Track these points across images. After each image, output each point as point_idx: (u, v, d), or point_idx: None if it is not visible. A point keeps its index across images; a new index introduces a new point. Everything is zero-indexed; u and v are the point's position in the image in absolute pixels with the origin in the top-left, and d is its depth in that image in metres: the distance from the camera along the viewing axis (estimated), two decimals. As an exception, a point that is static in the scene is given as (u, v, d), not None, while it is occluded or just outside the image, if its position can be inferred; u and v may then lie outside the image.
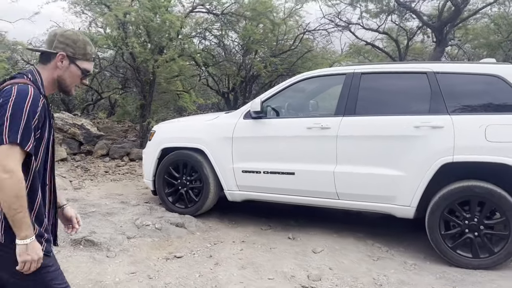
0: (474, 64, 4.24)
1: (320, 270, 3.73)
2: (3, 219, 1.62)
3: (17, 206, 1.54)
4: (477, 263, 3.82)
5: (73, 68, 1.80)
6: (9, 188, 1.53)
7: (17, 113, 1.55)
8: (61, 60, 1.77)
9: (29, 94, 1.59)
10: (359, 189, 4.25)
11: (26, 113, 1.57)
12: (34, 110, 1.60)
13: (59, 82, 1.81)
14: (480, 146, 3.76)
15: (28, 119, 1.57)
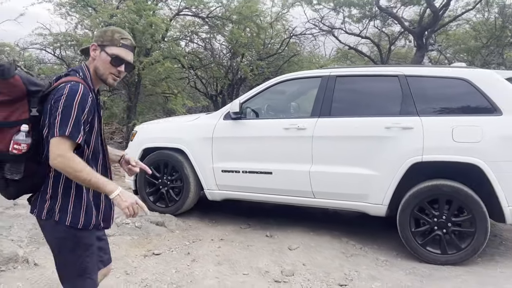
0: (443, 68, 4.40)
1: (294, 266, 3.85)
2: (49, 199, 1.86)
3: (84, 177, 1.75)
4: (445, 259, 3.97)
5: (103, 55, 1.91)
6: (67, 168, 1.74)
7: (67, 109, 1.74)
8: (94, 49, 1.92)
9: (79, 92, 1.77)
10: (334, 188, 4.38)
11: (75, 110, 1.75)
12: (83, 106, 1.78)
13: (96, 72, 1.94)
14: (447, 146, 3.91)
15: (78, 114, 1.76)
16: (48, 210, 1.87)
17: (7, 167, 1.81)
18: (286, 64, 13.94)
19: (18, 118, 1.80)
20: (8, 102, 1.79)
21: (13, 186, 1.86)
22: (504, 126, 3.82)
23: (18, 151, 1.77)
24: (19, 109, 1.81)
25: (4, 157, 1.79)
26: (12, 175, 1.81)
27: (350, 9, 11.49)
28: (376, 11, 11.14)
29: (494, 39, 10.98)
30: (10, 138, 1.77)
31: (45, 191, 1.87)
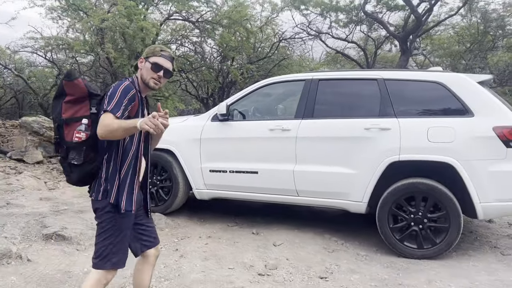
0: (419, 72, 4.63)
1: (278, 261, 4.03)
2: (103, 183, 2.29)
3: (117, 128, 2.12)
4: (421, 253, 4.17)
5: (147, 64, 2.37)
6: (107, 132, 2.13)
7: (113, 94, 2.21)
8: (141, 62, 2.42)
9: (123, 84, 2.28)
10: (316, 187, 4.57)
11: (118, 94, 2.21)
12: (126, 93, 2.23)
13: (141, 79, 2.39)
14: (422, 146, 4.13)
15: (120, 98, 2.21)
16: (103, 192, 2.29)
17: (71, 153, 2.25)
18: (276, 68, 14.18)
19: (81, 114, 2.27)
20: (74, 102, 2.28)
21: (75, 171, 2.28)
22: (475, 127, 4.04)
23: (79, 139, 2.22)
24: (83, 108, 2.29)
25: (69, 145, 2.25)
26: (75, 160, 2.24)
27: (337, 14, 11.74)
28: (362, 16, 11.40)
29: (477, 44, 11.29)
30: (74, 130, 2.24)
31: (100, 176, 2.30)
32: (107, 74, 10.90)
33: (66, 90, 2.28)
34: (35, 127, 8.90)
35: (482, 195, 4.01)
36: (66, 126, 2.28)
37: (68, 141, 2.26)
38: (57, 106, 2.31)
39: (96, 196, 2.31)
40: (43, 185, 6.52)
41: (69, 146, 2.26)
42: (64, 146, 2.29)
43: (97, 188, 2.31)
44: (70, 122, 2.27)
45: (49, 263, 3.68)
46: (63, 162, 2.33)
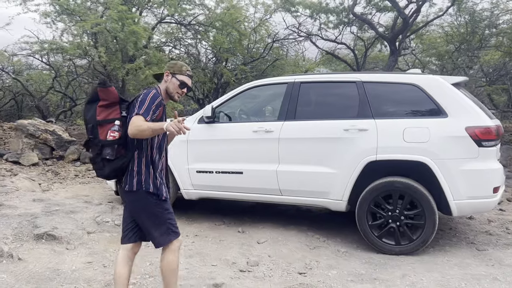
0: (396, 74, 4.77)
1: (260, 257, 4.19)
2: (136, 175, 2.67)
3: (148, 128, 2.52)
4: (399, 249, 4.34)
5: (174, 80, 2.82)
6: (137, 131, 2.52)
7: (143, 101, 2.64)
8: (167, 75, 2.83)
9: (152, 92, 2.71)
10: (298, 186, 4.73)
11: (148, 101, 2.63)
12: (154, 99, 2.66)
13: (166, 91, 2.83)
14: (398, 146, 4.29)
15: (149, 104, 2.63)
16: (137, 182, 2.67)
17: (105, 150, 2.64)
18: (269, 68, 14.34)
19: (113, 117, 2.69)
20: (107, 106, 2.69)
21: (107, 166, 2.67)
22: (448, 127, 4.21)
23: (113, 137, 2.64)
24: (114, 111, 2.71)
25: (104, 143, 2.64)
26: (108, 156, 2.63)
27: (327, 16, 11.90)
28: (352, 18, 11.56)
29: (465, 43, 11.44)
30: (108, 130, 2.65)
31: (132, 169, 2.69)
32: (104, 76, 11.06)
33: (100, 96, 2.69)
34: (30, 129, 9.06)
35: (455, 192, 4.17)
36: (100, 126, 2.67)
37: (102, 139, 2.65)
38: (91, 110, 2.71)
39: (131, 187, 2.68)
40: (37, 186, 6.68)
41: (104, 144, 2.64)
42: (98, 144, 2.66)
43: (129, 180, 2.68)
44: (103, 123, 2.67)
45: (39, 262, 3.84)
46: (96, 158, 2.69)
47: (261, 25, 13.42)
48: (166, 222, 2.77)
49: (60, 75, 14.21)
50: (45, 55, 11.15)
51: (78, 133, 13.02)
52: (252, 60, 14.18)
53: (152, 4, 10.56)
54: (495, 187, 4.21)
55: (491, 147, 4.19)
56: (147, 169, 2.71)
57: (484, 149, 4.15)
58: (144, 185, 2.68)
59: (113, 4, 7.93)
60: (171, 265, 2.81)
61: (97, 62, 9.09)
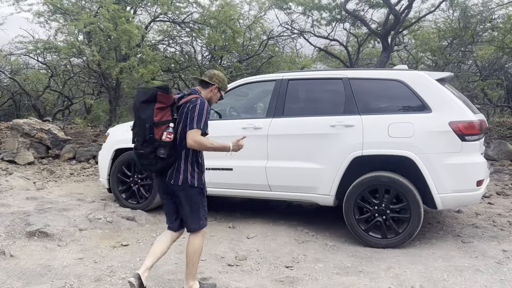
0: (382, 71, 4.84)
1: (248, 252, 4.27)
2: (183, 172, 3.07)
3: (211, 147, 3.09)
4: (385, 242, 4.41)
5: (218, 93, 3.36)
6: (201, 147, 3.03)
7: (201, 112, 3.01)
8: (215, 88, 3.31)
9: (206, 103, 3.10)
10: (287, 181, 4.81)
11: (205, 113, 3.03)
12: (208, 111, 3.09)
13: (207, 98, 3.26)
14: (383, 141, 4.37)
15: (206, 116, 3.05)
16: (184, 178, 3.07)
17: (160, 149, 2.96)
18: (264, 65, 14.39)
19: (167, 118, 3.00)
20: (162, 109, 2.99)
21: (160, 162, 3.00)
22: (432, 122, 4.28)
23: (169, 139, 2.98)
24: (167, 114, 3.01)
25: (159, 143, 2.95)
26: (162, 154, 2.96)
27: (320, 12, 11.94)
28: (345, 14, 11.61)
29: (458, 38, 11.50)
30: (162, 131, 2.96)
31: (179, 166, 3.08)
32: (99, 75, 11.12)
33: (159, 99, 2.98)
34: (26, 129, 9.14)
35: (440, 186, 4.25)
36: (156, 127, 2.95)
37: (158, 139, 2.96)
38: (148, 110, 2.97)
39: (177, 180, 3.07)
40: (32, 185, 6.76)
41: (160, 144, 2.96)
42: (155, 143, 2.95)
43: (176, 175, 3.07)
44: (159, 125, 2.97)
45: (30, 258, 3.92)
46: (149, 155, 2.97)
47: (256, 23, 13.46)
48: (202, 211, 3.21)
49: (57, 74, 14.26)
50: (40, 54, 11.18)
51: (74, 132, 13.09)
52: (247, 58, 14.23)
53: (146, 2, 10.60)
54: (478, 180, 4.29)
55: (474, 141, 4.26)
56: (192, 166, 3.11)
57: (467, 143, 4.23)
58: (189, 180, 3.09)
59: (106, 3, 7.98)
60: (198, 248, 3.22)
61: (92, 61, 9.14)
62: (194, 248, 3.21)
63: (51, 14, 8.85)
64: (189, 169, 3.09)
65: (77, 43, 8.58)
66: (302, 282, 3.60)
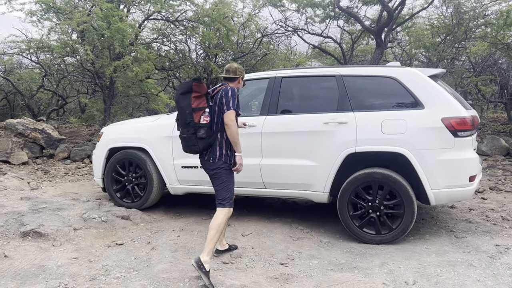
0: (374, 68, 4.85)
1: (243, 249, 4.28)
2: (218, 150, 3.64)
3: (236, 137, 3.59)
4: (379, 238, 4.44)
5: (242, 83, 3.97)
6: (233, 128, 3.56)
7: (234, 96, 3.59)
8: (241, 79, 3.93)
9: (235, 89, 3.68)
10: (281, 179, 4.82)
11: (236, 96, 3.61)
12: (237, 95, 3.64)
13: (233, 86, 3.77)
14: (376, 138, 4.38)
15: (237, 99, 3.63)
16: (219, 156, 3.64)
17: (199, 130, 3.56)
18: (259, 63, 14.38)
19: (203, 105, 3.60)
20: (198, 97, 3.58)
21: (201, 143, 3.59)
22: (425, 119, 4.30)
23: (206, 121, 3.58)
24: (202, 101, 3.61)
25: (199, 126, 3.55)
26: (203, 134, 3.56)
27: (314, 10, 11.94)
28: (338, 11, 11.61)
29: (451, 35, 11.54)
30: (200, 115, 3.56)
31: (215, 146, 3.65)
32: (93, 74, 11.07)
33: (194, 89, 3.55)
34: (19, 128, 9.10)
35: (433, 182, 4.27)
36: (194, 113, 3.53)
37: (197, 122, 3.55)
38: (186, 99, 3.53)
39: (214, 159, 3.64)
40: (26, 185, 6.73)
41: (200, 126, 3.55)
42: (195, 126, 3.54)
43: (213, 153, 3.64)
44: (196, 110, 3.55)
45: (24, 258, 3.91)
46: (190, 137, 3.55)
47: (250, 20, 13.44)
48: (231, 188, 3.72)
49: (50, 74, 14.18)
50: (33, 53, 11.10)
51: (69, 131, 13.04)
52: (242, 55, 14.22)
53: (140, 0, 10.56)
54: (471, 176, 4.32)
55: (466, 137, 4.29)
56: (226, 145, 3.65)
57: (460, 139, 4.25)
58: (224, 158, 3.64)
59: (99, 2, 7.94)
60: (221, 223, 3.63)
61: (85, 60, 9.10)
62: (217, 222, 3.61)
63: (44, 13, 8.79)
64: (224, 148, 3.64)
65: (70, 42, 8.53)
66: (297, 279, 3.61)
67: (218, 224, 3.61)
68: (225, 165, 3.66)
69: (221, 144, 3.64)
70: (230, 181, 3.72)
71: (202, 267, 3.44)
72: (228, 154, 3.67)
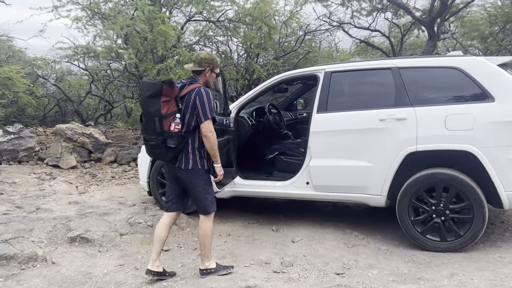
0: (435, 58, 4.43)
1: (294, 257, 4.00)
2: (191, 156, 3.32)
3: (215, 148, 3.33)
4: (445, 246, 4.02)
5: (213, 74, 3.47)
6: (212, 140, 3.28)
7: (209, 101, 3.22)
8: (208, 71, 3.40)
9: (208, 91, 3.26)
10: (333, 181, 4.49)
11: (210, 101, 3.23)
12: (211, 98, 3.26)
13: (204, 82, 3.42)
14: (440, 135, 3.97)
15: (211, 104, 3.24)
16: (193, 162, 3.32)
17: (169, 140, 3.19)
18: (302, 62, 14.04)
19: (173, 110, 3.19)
20: (167, 102, 3.15)
21: (170, 151, 3.23)
22: (495, 112, 3.85)
23: (177, 129, 3.19)
24: (172, 106, 3.19)
25: (169, 134, 3.17)
26: (171, 144, 3.19)
27: (360, 3, 11.45)
28: (386, 3, 11.06)
29: (511, 23, 10.68)
30: (170, 122, 3.17)
31: (187, 152, 3.32)
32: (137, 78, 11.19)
33: (164, 93, 3.13)
34: (68, 133, 9.27)
35: (506, 183, 3.81)
36: (164, 120, 3.13)
37: (167, 131, 3.16)
38: (155, 104, 3.11)
39: (187, 165, 3.32)
40: (74, 189, 6.79)
41: (169, 135, 3.17)
42: (164, 135, 3.15)
43: (186, 159, 3.32)
44: (167, 117, 3.15)
45: (71, 265, 3.83)
46: (160, 145, 3.19)
47: (292, 18, 13.14)
48: (210, 195, 3.45)
49: (97, 79, 14.54)
50: (79, 59, 11.37)
51: (116, 135, 13.27)
52: (283, 54, 13.94)
53: (182, 3, 10.54)
54: (552, 176, 3.82)
55: (546, 132, 3.80)
56: (198, 151, 3.34)
57: (537, 135, 3.77)
58: (199, 163, 3.35)
59: (141, 5, 7.95)
60: (208, 231, 3.45)
61: (129, 64, 9.17)
62: (204, 232, 3.45)
63: (89, 19, 8.95)
64: (196, 153, 3.33)
65: (114, 46, 8.61)
66: (356, 292, 3.30)
67: (206, 233, 3.47)
68: (201, 171, 3.38)
69: (193, 150, 3.33)
70: (209, 185, 3.46)
71: (209, 270, 3.49)
72: (203, 158, 3.38)
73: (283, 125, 5.90)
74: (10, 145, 8.81)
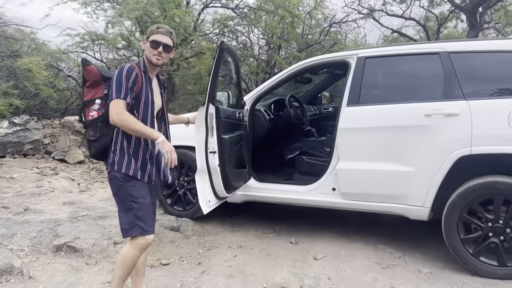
0: (494, 41, 3.65)
1: (317, 280, 3.30)
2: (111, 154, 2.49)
3: (135, 127, 2.39)
4: (504, 272, 3.26)
5: (147, 44, 2.56)
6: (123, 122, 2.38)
7: (119, 80, 2.40)
8: (143, 44, 2.58)
9: (125, 68, 2.44)
10: (365, 188, 3.77)
11: (124, 79, 2.40)
12: (128, 77, 2.41)
13: (146, 59, 2.57)
14: (503, 135, 3.20)
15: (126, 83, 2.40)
16: (110, 163, 2.48)
17: (88, 130, 2.55)
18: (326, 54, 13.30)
19: (98, 96, 2.55)
20: (91, 86, 2.57)
21: (93, 146, 2.54)
22: None
23: (92, 117, 2.51)
24: (99, 91, 2.56)
25: (87, 124, 2.55)
26: (91, 136, 2.52)
27: (393, -13, 10.56)
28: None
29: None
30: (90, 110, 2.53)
31: (109, 149, 2.51)
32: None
33: (85, 76, 2.59)
34: (77, 126, 8.78)
35: None
36: (86, 107, 2.56)
37: (86, 120, 2.57)
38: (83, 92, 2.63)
39: (106, 167, 2.53)
40: (76, 186, 6.24)
41: (87, 125, 2.56)
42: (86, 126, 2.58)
43: (107, 160, 2.51)
44: (89, 104, 2.55)
45: (50, 282, 3.22)
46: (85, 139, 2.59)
47: (316, 8, 12.37)
48: (133, 211, 2.48)
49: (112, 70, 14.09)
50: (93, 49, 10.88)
51: (129, 129, 12.83)
52: (307, 47, 13.19)
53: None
54: None
55: None
56: (120, 149, 2.49)
57: None
58: (116, 165, 2.47)
59: (154, -12, 7.37)
60: (124, 259, 2.56)
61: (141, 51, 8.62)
62: (121, 259, 2.57)
63: (99, 3, 8.41)
64: (118, 151, 2.49)
65: (125, 32, 8.05)
66: (396, 333, 2.58)
67: (122, 261, 2.56)
68: (119, 175, 2.45)
69: (115, 147, 2.48)
70: (129, 200, 2.47)
71: None
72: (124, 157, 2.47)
73: (305, 120, 5.20)
74: (16, 137, 8.34)
